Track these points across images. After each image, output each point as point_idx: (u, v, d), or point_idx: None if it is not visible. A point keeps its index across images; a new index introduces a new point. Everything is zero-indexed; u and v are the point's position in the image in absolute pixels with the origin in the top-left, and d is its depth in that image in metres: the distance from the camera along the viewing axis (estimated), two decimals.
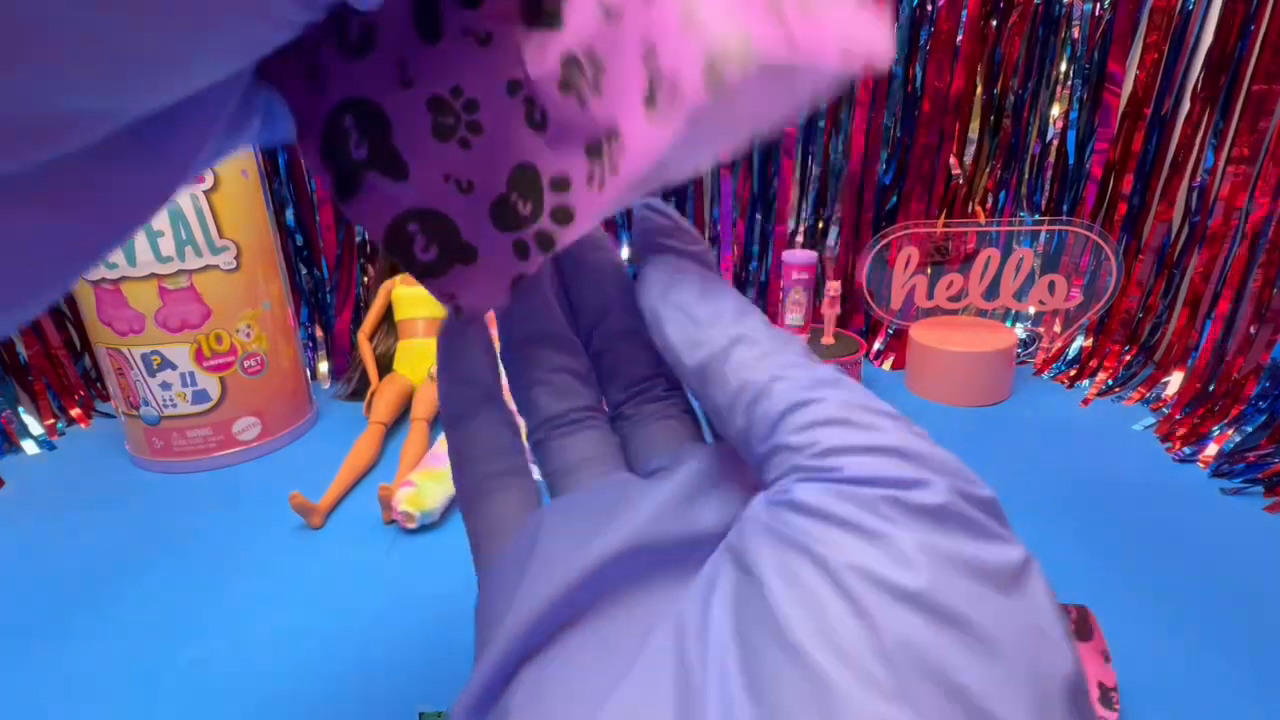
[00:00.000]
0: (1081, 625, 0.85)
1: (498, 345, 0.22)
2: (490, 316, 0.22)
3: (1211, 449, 1.27)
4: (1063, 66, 1.58)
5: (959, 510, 0.14)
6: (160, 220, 1.23)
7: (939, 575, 0.13)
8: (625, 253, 1.67)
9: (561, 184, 0.19)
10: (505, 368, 0.23)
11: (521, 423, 0.24)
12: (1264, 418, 1.27)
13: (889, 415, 0.17)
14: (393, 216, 0.20)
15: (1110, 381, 1.57)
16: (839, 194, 1.73)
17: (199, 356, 1.31)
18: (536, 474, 0.24)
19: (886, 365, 1.76)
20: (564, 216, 0.20)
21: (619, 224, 1.75)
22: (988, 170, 1.71)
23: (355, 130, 0.21)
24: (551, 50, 0.18)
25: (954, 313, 1.63)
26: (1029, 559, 0.15)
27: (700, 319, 0.20)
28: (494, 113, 0.20)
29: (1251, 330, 1.35)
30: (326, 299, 1.75)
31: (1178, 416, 1.38)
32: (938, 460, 0.15)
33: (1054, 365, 1.66)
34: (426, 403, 1.45)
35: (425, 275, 0.22)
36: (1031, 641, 0.13)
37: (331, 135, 0.21)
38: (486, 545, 0.22)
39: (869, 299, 1.65)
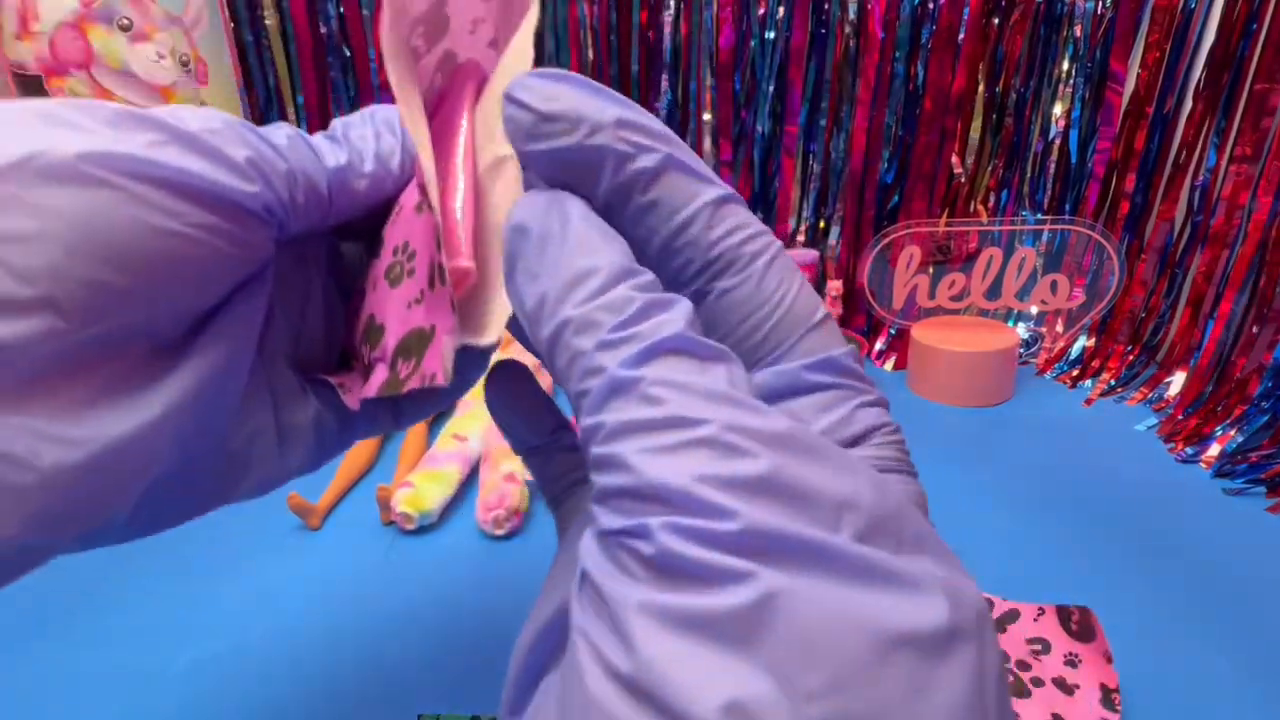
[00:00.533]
0: (1084, 626, 0.84)
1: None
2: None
3: (1214, 449, 1.27)
4: (1065, 65, 1.58)
5: (670, 552, 0.13)
6: None
7: (646, 633, 0.12)
8: None
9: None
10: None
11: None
12: (1267, 418, 1.26)
13: (650, 436, 0.15)
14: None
15: (1113, 382, 1.57)
16: (840, 193, 1.72)
17: None
18: None
19: (888, 365, 1.75)
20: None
21: None
22: (990, 169, 1.71)
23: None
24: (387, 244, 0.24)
25: (956, 312, 1.62)
26: (774, 593, 0.12)
27: (534, 293, 0.17)
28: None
29: (1254, 330, 1.34)
30: None
31: (1180, 417, 1.38)
32: (669, 491, 0.14)
33: (1056, 365, 1.66)
34: None
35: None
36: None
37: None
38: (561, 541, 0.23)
39: (870, 298, 1.64)
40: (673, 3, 1.60)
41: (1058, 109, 1.61)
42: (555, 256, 0.17)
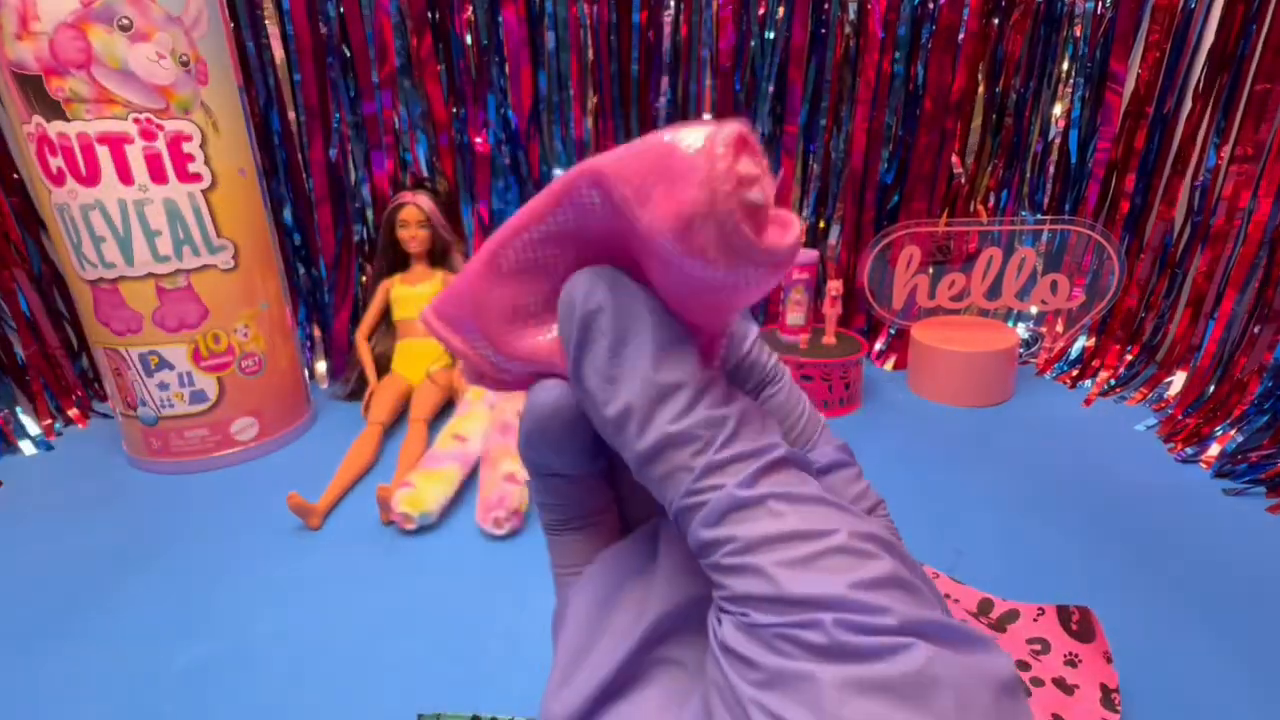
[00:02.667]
0: (1084, 626, 0.84)
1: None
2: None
3: (1214, 449, 1.27)
4: (1065, 65, 1.58)
5: (842, 642, 0.15)
6: (158, 219, 1.22)
7: (840, 699, 0.15)
8: None
9: None
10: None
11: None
12: (1267, 418, 1.26)
13: (793, 548, 0.17)
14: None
15: (1112, 381, 1.57)
16: (840, 193, 1.72)
17: (196, 356, 1.31)
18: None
19: (888, 365, 1.75)
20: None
21: None
22: (989, 169, 1.71)
23: None
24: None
25: (956, 312, 1.62)
26: (930, 659, 0.15)
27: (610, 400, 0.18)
28: None
29: (1255, 330, 1.34)
30: (324, 298, 1.74)
31: (1180, 417, 1.38)
32: (824, 599, 0.16)
33: (1056, 365, 1.66)
34: (425, 403, 1.44)
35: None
36: None
37: None
38: (563, 565, 0.24)
39: (870, 298, 1.64)
40: (673, 3, 1.60)
41: (1058, 109, 1.61)
42: (634, 365, 0.18)
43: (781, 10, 1.59)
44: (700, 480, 0.17)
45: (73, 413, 1.61)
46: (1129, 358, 1.59)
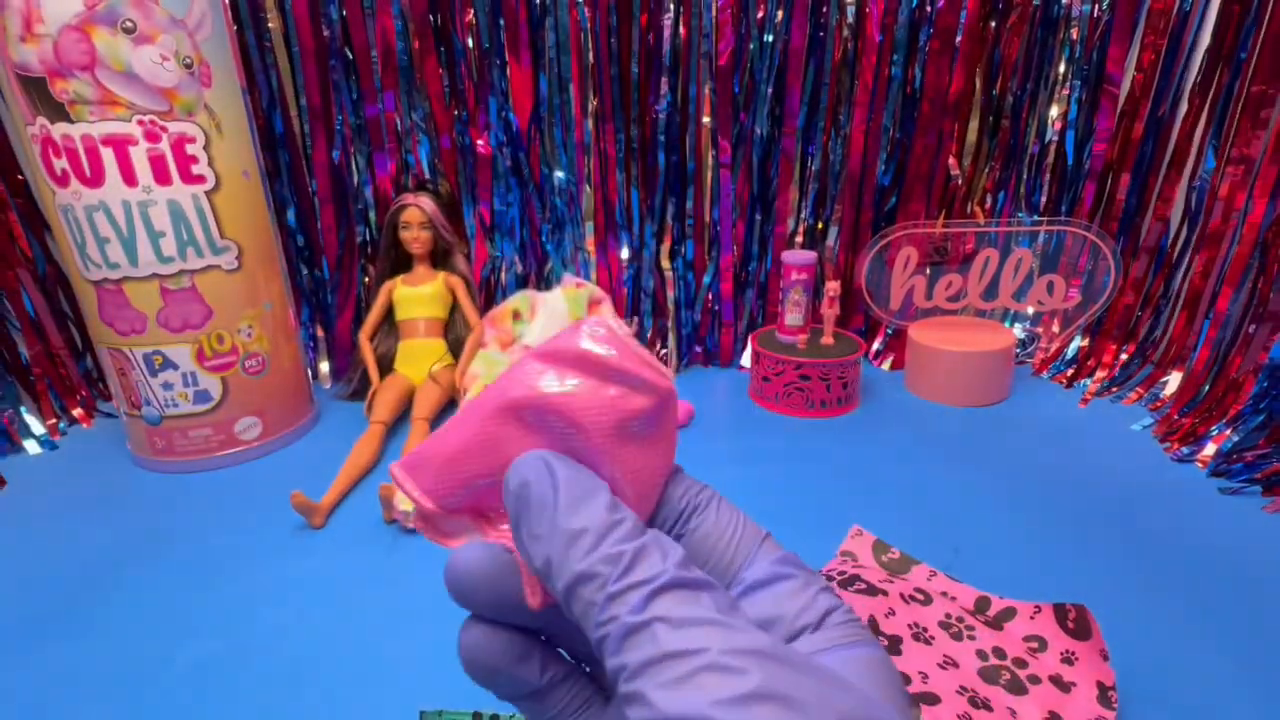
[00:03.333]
0: (1080, 624, 0.85)
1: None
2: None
3: (1210, 449, 1.28)
4: (1061, 67, 1.59)
5: None
6: (162, 220, 1.23)
7: None
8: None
9: None
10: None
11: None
12: (1262, 418, 1.27)
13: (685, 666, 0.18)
14: None
15: (1108, 381, 1.57)
16: (838, 194, 1.73)
17: (200, 356, 1.32)
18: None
19: (885, 365, 1.76)
20: None
21: None
22: (986, 171, 1.72)
23: None
24: None
25: (953, 313, 1.63)
26: None
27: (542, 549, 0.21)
28: None
29: (1250, 330, 1.35)
30: (327, 299, 1.75)
31: (1176, 416, 1.38)
32: (690, 719, 0.17)
33: (1052, 365, 1.67)
34: (427, 403, 1.45)
35: None
36: None
37: None
38: None
39: (868, 299, 1.65)
40: (672, 6, 1.61)
41: (1054, 111, 1.62)
42: (551, 520, 0.20)
43: (780, 13, 1.60)
44: (603, 612, 0.19)
45: (77, 412, 1.62)
46: (1125, 358, 1.60)
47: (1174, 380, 1.48)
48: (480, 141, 1.69)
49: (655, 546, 0.20)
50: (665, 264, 1.81)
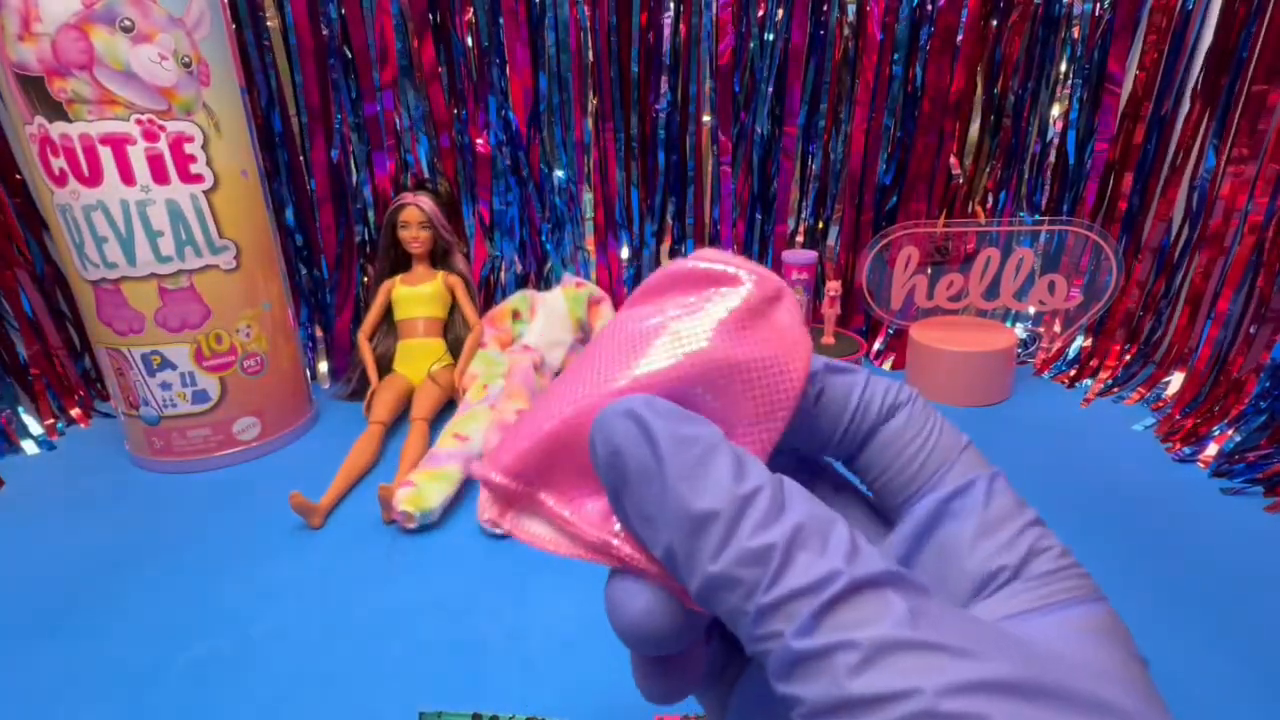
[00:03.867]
0: None
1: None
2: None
3: (1211, 449, 1.27)
4: (1063, 66, 1.58)
5: None
6: (160, 220, 1.23)
7: None
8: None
9: None
10: None
11: None
12: (1264, 418, 1.27)
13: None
14: None
15: (1110, 381, 1.57)
16: (839, 194, 1.73)
17: (199, 356, 1.31)
18: None
19: (887, 365, 1.76)
20: None
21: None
22: (988, 170, 1.71)
23: None
24: None
25: (954, 313, 1.63)
26: None
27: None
28: None
29: (1252, 330, 1.35)
30: (326, 299, 1.75)
31: (1178, 416, 1.38)
32: None
33: (1054, 365, 1.66)
34: (426, 403, 1.45)
35: None
36: None
37: None
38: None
39: (869, 299, 1.65)
40: (672, 5, 1.60)
41: (1056, 110, 1.61)
42: (660, 498, 0.16)
43: (781, 12, 1.59)
44: (758, 625, 0.14)
45: (75, 412, 1.61)
46: (1127, 358, 1.60)
47: (1176, 380, 1.47)
48: (479, 140, 1.69)
49: (813, 529, 0.15)
50: (665, 263, 1.81)
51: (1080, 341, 1.67)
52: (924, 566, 0.18)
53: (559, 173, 1.73)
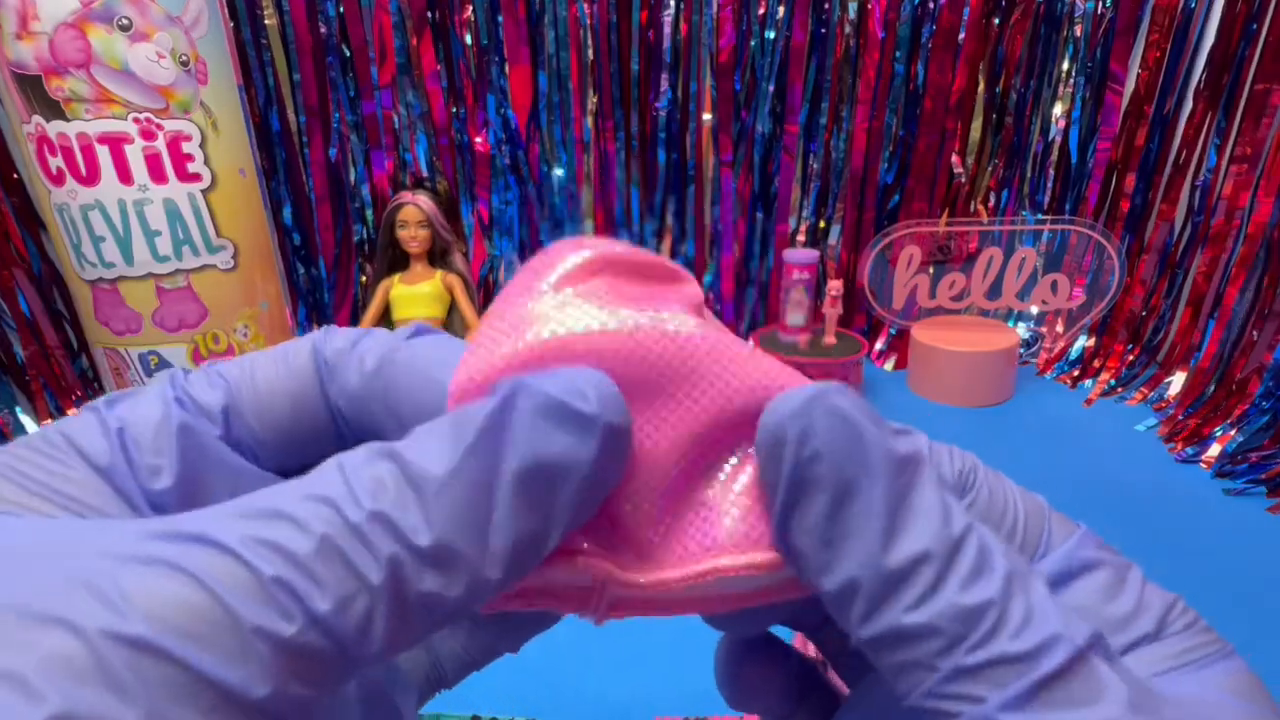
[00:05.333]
0: None
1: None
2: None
3: (1214, 449, 1.27)
4: (1065, 65, 1.58)
5: None
6: (158, 219, 1.22)
7: None
8: None
9: None
10: None
11: None
12: (1267, 418, 1.26)
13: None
14: None
15: (1113, 381, 1.56)
16: (840, 193, 1.72)
17: (196, 356, 1.31)
18: None
19: (888, 365, 1.75)
20: None
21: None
22: (990, 169, 1.71)
23: None
24: None
25: (956, 312, 1.62)
26: None
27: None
28: None
29: (1254, 330, 1.34)
30: (324, 298, 1.74)
31: (1180, 417, 1.38)
32: None
33: (1056, 365, 1.66)
34: None
35: None
36: None
37: None
38: None
39: (871, 298, 1.64)
40: (673, 2, 1.60)
41: (1058, 109, 1.61)
42: (862, 527, 0.13)
43: (782, 10, 1.59)
44: (948, 685, 0.13)
45: (72, 413, 1.61)
46: (1130, 358, 1.59)
47: (1178, 380, 1.47)
48: (479, 139, 1.68)
49: (1019, 582, 0.13)
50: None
51: (1083, 341, 1.66)
52: None
53: (558, 171, 1.72)
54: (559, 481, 0.13)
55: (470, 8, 1.60)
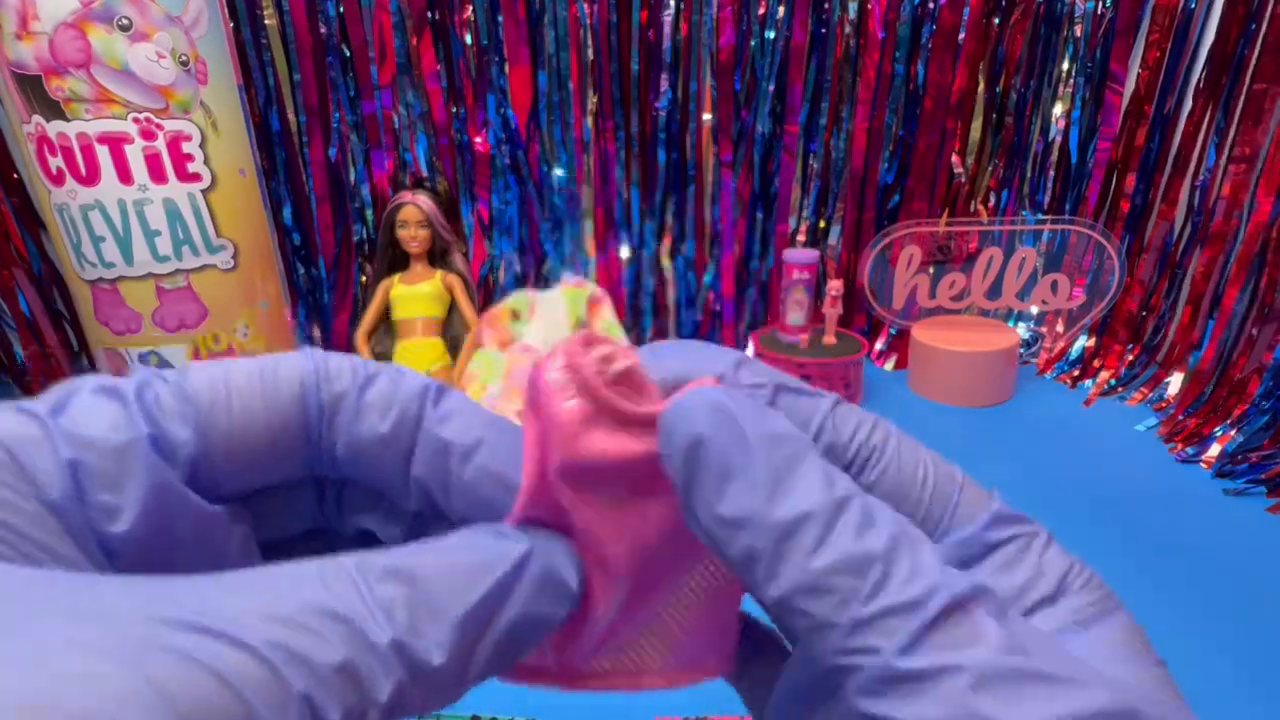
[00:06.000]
0: None
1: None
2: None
3: (1214, 449, 1.27)
4: (1065, 65, 1.58)
5: None
6: (158, 219, 1.22)
7: None
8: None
9: None
10: None
11: None
12: (1267, 418, 1.26)
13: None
14: None
15: (1113, 381, 1.56)
16: (841, 192, 1.72)
17: (196, 356, 1.31)
18: None
19: (889, 365, 1.75)
20: None
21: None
22: (990, 169, 1.71)
23: None
24: None
25: (956, 312, 1.62)
26: None
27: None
28: None
29: (1254, 330, 1.34)
30: (324, 298, 1.74)
31: (1180, 417, 1.38)
32: None
33: (1056, 365, 1.66)
34: None
35: None
36: None
37: None
38: None
39: (871, 298, 1.64)
40: (673, 2, 1.60)
41: (1058, 109, 1.61)
42: (747, 499, 0.14)
43: (782, 10, 1.59)
44: (849, 639, 0.14)
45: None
46: (1129, 358, 1.59)
47: (1178, 380, 1.47)
48: (479, 139, 1.68)
49: (905, 543, 0.14)
50: (665, 263, 1.80)
51: (1083, 341, 1.66)
52: None
53: (558, 171, 1.72)
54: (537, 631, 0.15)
55: (470, 8, 1.59)
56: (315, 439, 0.16)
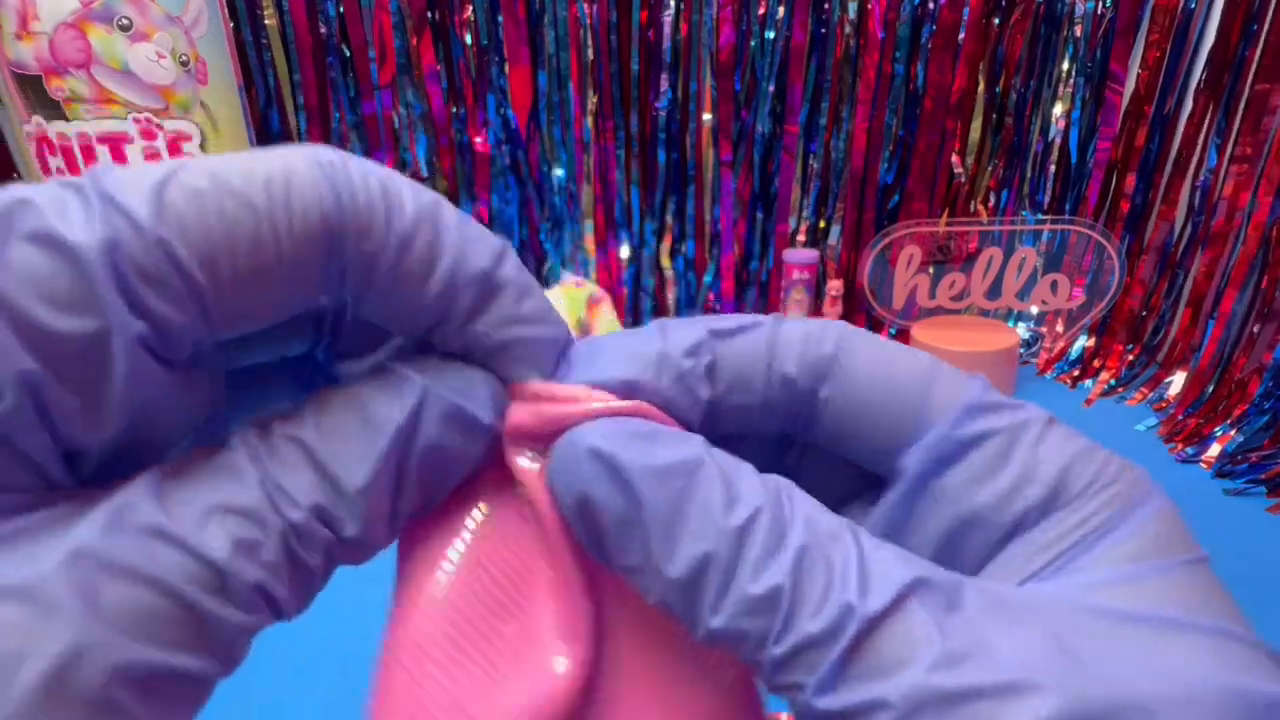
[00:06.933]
0: None
1: None
2: None
3: (1214, 449, 1.27)
4: (1065, 65, 1.58)
5: None
6: None
7: None
8: None
9: None
10: None
11: None
12: (1267, 418, 1.26)
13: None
14: None
15: (1113, 381, 1.56)
16: (840, 193, 1.72)
17: None
18: None
19: None
20: None
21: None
22: (990, 169, 1.71)
23: None
24: None
25: (956, 312, 1.62)
26: None
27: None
28: None
29: (1254, 330, 1.34)
30: None
31: (1180, 417, 1.38)
32: None
33: (1056, 365, 1.66)
34: None
35: None
36: None
37: None
38: None
39: (871, 298, 1.64)
40: (673, 2, 1.60)
41: (1058, 109, 1.61)
42: (643, 550, 0.13)
43: (782, 10, 1.59)
44: (777, 678, 0.13)
45: None
46: (1130, 358, 1.59)
47: (1178, 380, 1.47)
48: (479, 139, 1.68)
49: (817, 553, 0.13)
50: (665, 263, 1.80)
51: (1083, 341, 1.66)
52: (926, 532, 0.15)
53: (558, 171, 1.73)
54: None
55: (470, 8, 1.60)
56: (331, 273, 0.14)
